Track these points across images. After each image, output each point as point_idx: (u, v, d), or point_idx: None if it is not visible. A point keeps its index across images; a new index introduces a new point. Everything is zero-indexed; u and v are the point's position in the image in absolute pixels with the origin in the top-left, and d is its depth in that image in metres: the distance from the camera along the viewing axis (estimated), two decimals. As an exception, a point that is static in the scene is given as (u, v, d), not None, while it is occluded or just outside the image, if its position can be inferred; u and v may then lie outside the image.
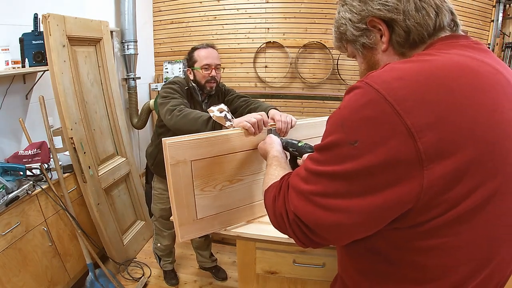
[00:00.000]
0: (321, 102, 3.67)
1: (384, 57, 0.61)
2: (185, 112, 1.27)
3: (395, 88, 0.45)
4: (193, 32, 3.62)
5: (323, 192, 0.51)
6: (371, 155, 0.45)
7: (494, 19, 3.58)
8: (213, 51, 1.53)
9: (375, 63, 0.63)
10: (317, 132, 1.24)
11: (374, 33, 0.60)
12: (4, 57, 1.69)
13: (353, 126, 0.47)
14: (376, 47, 0.61)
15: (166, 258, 2.09)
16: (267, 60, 3.62)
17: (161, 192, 1.84)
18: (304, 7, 3.45)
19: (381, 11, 0.57)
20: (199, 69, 1.50)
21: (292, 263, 1.17)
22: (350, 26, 0.62)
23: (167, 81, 1.56)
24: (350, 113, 0.49)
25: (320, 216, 0.51)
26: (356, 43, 0.64)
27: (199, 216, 1.04)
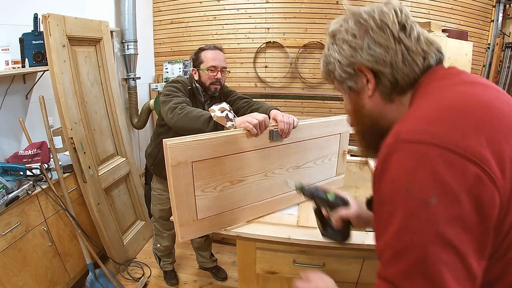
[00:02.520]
0: (321, 102, 3.67)
1: (370, 102, 0.62)
2: (186, 111, 1.24)
3: (435, 131, 0.45)
4: (193, 32, 3.62)
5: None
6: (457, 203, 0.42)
7: (494, 19, 3.58)
8: (220, 54, 1.52)
9: (361, 107, 0.64)
10: (319, 133, 1.24)
11: (361, 78, 0.61)
12: (4, 57, 1.69)
13: (420, 187, 0.44)
14: (362, 91, 0.62)
15: (166, 258, 2.09)
16: (267, 60, 3.62)
17: (160, 192, 1.82)
18: (304, 7, 3.45)
19: (369, 62, 0.58)
20: (205, 70, 1.48)
21: (292, 263, 1.17)
22: (338, 67, 0.63)
23: (170, 80, 1.54)
24: (408, 179, 0.45)
25: None
26: (343, 84, 0.64)
27: (200, 217, 1.04)
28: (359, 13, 0.60)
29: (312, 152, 1.26)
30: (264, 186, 1.16)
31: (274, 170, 1.16)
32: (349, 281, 1.18)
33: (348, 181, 1.51)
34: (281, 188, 1.23)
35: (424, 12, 3.52)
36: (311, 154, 1.26)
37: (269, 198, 1.20)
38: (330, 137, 1.29)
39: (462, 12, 3.54)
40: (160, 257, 2.09)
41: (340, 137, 1.33)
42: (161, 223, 1.91)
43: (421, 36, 0.59)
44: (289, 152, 1.18)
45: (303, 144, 1.21)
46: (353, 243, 1.07)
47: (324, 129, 1.26)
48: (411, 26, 0.58)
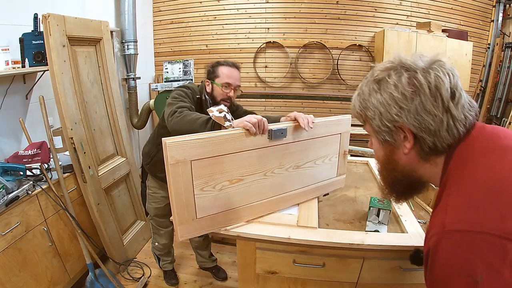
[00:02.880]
0: (321, 102, 3.67)
1: (404, 158, 0.63)
2: (184, 114, 1.25)
3: (475, 220, 0.50)
4: (193, 32, 3.63)
5: None
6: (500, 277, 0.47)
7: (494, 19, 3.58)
8: (236, 72, 1.52)
9: (394, 160, 0.64)
10: (319, 133, 1.24)
11: (399, 134, 0.61)
12: (4, 57, 1.69)
13: (469, 269, 0.49)
14: (398, 146, 0.62)
15: (165, 257, 2.09)
16: (267, 60, 3.62)
17: (154, 191, 1.82)
18: (304, 7, 3.45)
19: (414, 126, 0.58)
20: (219, 85, 1.48)
21: (292, 263, 1.17)
22: (378, 119, 0.62)
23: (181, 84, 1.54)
24: (459, 263, 0.50)
25: None
26: (379, 134, 0.64)
27: (199, 216, 1.04)
28: (414, 71, 0.59)
29: (312, 152, 1.26)
30: (263, 185, 1.16)
31: (273, 170, 1.16)
32: (349, 281, 1.18)
33: (348, 181, 1.50)
34: (281, 188, 1.22)
35: (424, 12, 3.52)
36: (311, 154, 1.26)
37: (269, 197, 1.20)
38: (330, 137, 1.29)
39: (462, 12, 3.54)
40: (159, 256, 2.08)
41: (340, 137, 1.33)
42: (157, 220, 1.92)
43: (466, 102, 0.59)
44: (289, 152, 1.18)
45: (303, 144, 1.21)
46: (353, 243, 1.07)
47: (324, 129, 1.25)
48: (460, 92, 0.58)
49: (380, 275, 1.16)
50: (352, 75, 3.66)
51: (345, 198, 1.41)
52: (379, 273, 1.16)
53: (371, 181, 1.60)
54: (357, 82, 3.65)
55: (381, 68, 0.63)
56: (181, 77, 3.09)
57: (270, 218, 1.21)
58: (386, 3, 3.45)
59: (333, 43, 3.52)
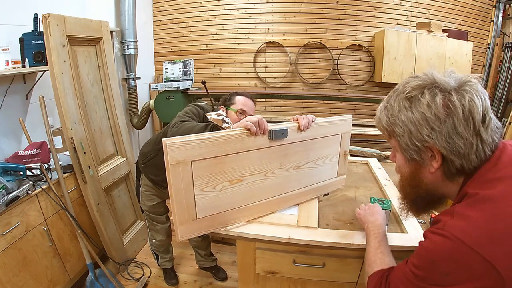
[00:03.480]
0: (321, 102, 3.67)
1: (430, 176, 0.63)
2: (182, 124, 1.30)
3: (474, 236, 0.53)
4: (193, 32, 3.63)
5: None
6: (460, 285, 0.54)
7: (494, 19, 3.58)
8: (252, 103, 1.59)
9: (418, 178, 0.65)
10: (319, 133, 1.24)
11: (427, 153, 0.61)
12: (4, 57, 1.69)
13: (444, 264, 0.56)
14: (424, 165, 0.63)
15: (163, 255, 2.08)
16: (267, 60, 3.62)
17: (147, 189, 1.84)
18: (304, 7, 3.46)
19: (444, 148, 0.59)
20: (234, 111, 1.52)
21: (292, 263, 1.17)
22: (407, 137, 0.62)
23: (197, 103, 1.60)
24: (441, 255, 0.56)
25: None
26: (406, 152, 0.64)
27: (199, 216, 1.04)
28: (448, 93, 0.59)
29: (313, 152, 1.26)
30: (264, 186, 1.16)
31: (274, 170, 1.16)
32: (349, 281, 1.18)
33: (348, 181, 1.50)
34: (281, 188, 1.22)
35: (424, 12, 3.52)
36: (311, 154, 1.26)
37: (269, 198, 1.20)
38: (331, 137, 1.29)
39: (462, 12, 3.54)
40: (158, 253, 2.08)
41: (341, 137, 1.33)
42: (151, 216, 1.93)
43: (494, 125, 0.60)
44: (290, 152, 1.18)
45: (304, 144, 1.21)
46: (353, 243, 1.07)
47: (325, 129, 1.25)
48: (490, 116, 0.59)
49: (380, 275, 1.16)
50: (352, 75, 3.66)
51: (345, 198, 1.41)
52: (379, 273, 1.16)
53: (371, 181, 1.60)
54: (357, 82, 3.66)
55: (413, 85, 0.62)
56: (181, 77, 3.09)
57: (270, 218, 1.21)
58: (386, 3, 3.45)
59: (333, 43, 3.52)
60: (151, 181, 1.79)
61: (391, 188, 1.45)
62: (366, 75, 3.64)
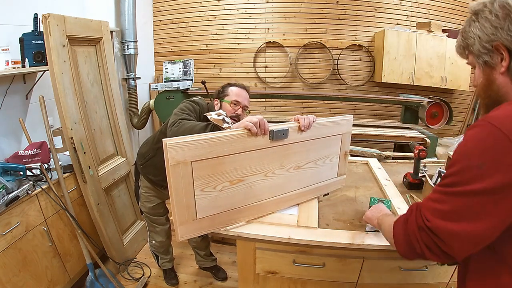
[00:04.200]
0: (321, 102, 3.67)
1: (500, 78, 0.70)
2: (182, 123, 1.28)
3: (508, 124, 0.59)
4: (193, 32, 3.63)
5: (454, 208, 0.64)
6: (498, 174, 0.58)
7: (494, 19, 3.57)
8: (245, 93, 1.56)
9: (492, 81, 0.71)
10: (320, 133, 1.24)
11: (496, 55, 0.69)
12: (4, 57, 1.69)
13: (479, 153, 0.61)
14: (495, 67, 0.70)
15: (163, 256, 2.08)
16: (267, 60, 3.62)
17: (146, 191, 1.83)
18: (304, 7, 3.46)
19: (508, 41, 0.66)
20: (228, 102, 1.51)
21: (292, 263, 1.17)
22: (477, 43, 0.71)
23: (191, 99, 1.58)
24: (476, 144, 0.62)
25: (452, 228, 0.63)
26: (479, 58, 0.72)
27: (199, 216, 1.04)
28: None
29: (313, 153, 1.26)
30: (264, 186, 1.16)
31: (274, 170, 1.16)
32: (349, 281, 1.18)
33: (348, 181, 1.51)
34: (281, 188, 1.23)
35: (424, 12, 3.52)
36: (312, 155, 1.26)
37: (269, 198, 1.20)
38: (331, 137, 1.29)
39: (462, 12, 3.54)
40: (158, 254, 2.07)
41: (341, 138, 1.33)
42: (151, 218, 1.92)
43: None
44: (290, 153, 1.18)
45: (304, 145, 1.21)
46: (353, 243, 1.07)
47: (326, 130, 1.25)
48: None
49: (380, 275, 1.16)
50: (352, 75, 3.66)
51: (345, 198, 1.41)
52: (379, 273, 1.16)
53: (371, 181, 1.60)
54: (357, 82, 3.66)
55: (477, 3, 0.72)
56: (181, 77, 3.09)
57: (270, 218, 1.21)
58: (386, 3, 3.45)
59: (333, 43, 3.52)
60: (150, 181, 1.79)
61: (391, 188, 1.45)
62: (366, 75, 3.64)
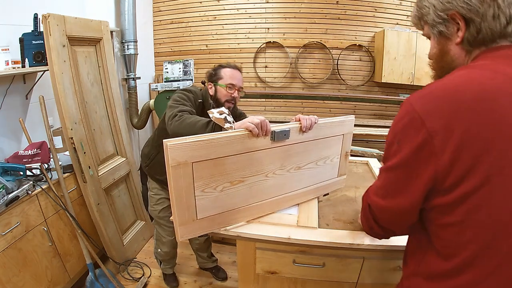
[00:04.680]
0: (321, 102, 3.67)
1: (454, 49, 0.69)
2: (184, 117, 1.25)
3: (423, 103, 0.62)
4: (193, 32, 3.62)
5: (383, 184, 0.71)
6: (406, 148, 0.63)
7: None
8: (239, 74, 1.54)
9: (446, 52, 0.70)
10: (321, 134, 1.24)
11: (452, 25, 0.67)
12: (4, 57, 1.69)
13: (398, 131, 0.65)
14: (451, 38, 0.69)
15: (167, 264, 2.07)
16: (267, 60, 3.62)
17: (156, 192, 1.79)
18: (304, 7, 3.45)
19: (464, 9, 0.64)
20: (223, 86, 1.48)
21: (292, 263, 1.17)
22: (432, 12, 0.69)
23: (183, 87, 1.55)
24: (396, 122, 0.66)
25: (380, 203, 0.71)
26: (434, 28, 0.70)
27: (199, 217, 1.04)
28: None
29: (314, 153, 1.26)
30: (264, 186, 1.16)
31: (275, 171, 1.16)
32: (349, 281, 1.18)
33: (348, 181, 1.51)
34: (282, 189, 1.23)
35: (424, 12, 3.51)
36: (313, 155, 1.26)
37: (269, 198, 1.20)
38: (332, 138, 1.29)
39: (462, 12, 3.53)
40: (161, 261, 2.07)
41: (343, 138, 1.33)
42: (162, 226, 1.87)
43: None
44: (291, 153, 1.18)
45: (305, 145, 1.21)
46: (353, 243, 1.07)
47: (327, 130, 1.25)
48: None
49: (380, 275, 1.16)
50: (352, 75, 3.66)
51: (345, 198, 1.41)
52: (379, 273, 1.16)
53: (371, 181, 1.60)
54: (357, 82, 3.66)
55: None
56: (181, 77, 3.09)
57: (270, 218, 1.21)
58: (386, 3, 3.45)
59: (333, 43, 3.52)
60: (159, 182, 1.76)
61: (391, 188, 1.45)
62: (366, 75, 3.64)
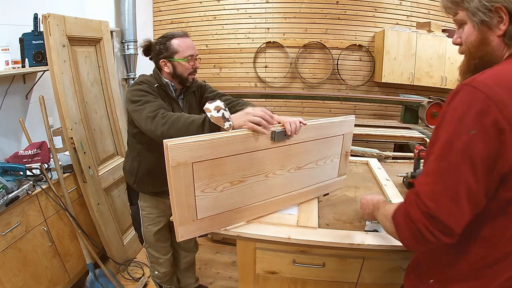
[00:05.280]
0: (321, 102, 3.67)
1: (496, 40, 0.68)
2: (172, 119, 1.12)
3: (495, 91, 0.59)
4: (193, 32, 3.62)
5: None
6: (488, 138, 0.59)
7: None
8: (190, 40, 1.40)
9: (488, 42, 0.69)
10: (322, 134, 1.23)
11: (495, 17, 0.66)
12: (4, 57, 1.69)
13: (470, 119, 0.60)
14: (492, 28, 0.67)
15: (167, 284, 1.82)
16: (267, 60, 3.62)
17: (150, 211, 1.56)
18: (304, 7, 3.45)
19: (511, 5, 0.64)
20: (183, 60, 1.34)
21: (292, 263, 1.17)
22: (477, 0, 0.67)
23: (132, 83, 1.36)
24: (466, 109, 0.61)
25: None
26: (475, 16, 0.68)
27: (199, 217, 1.04)
28: None
29: (314, 153, 1.26)
30: (264, 187, 1.16)
31: (275, 171, 1.16)
32: (349, 281, 1.18)
33: (348, 181, 1.51)
34: (282, 189, 1.23)
35: (424, 12, 3.52)
36: (313, 155, 1.26)
37: (269, 198, 1.20)
38: (333, 138, 1.28)
39: (462, 12, 3.53)
40: (161, 284, 1.80)
41: (343, 138, 1.33)
42: (156, 247, 1.65)
43: None
44: (291, 153, 1.18)
45: (305, 145, 1.20)
46: (353, 243, 1.07)
47: (327, 130, 1.25)
48: None
49: (380, 275, 1.16)
50: (352, 75, 3.66)
51: (345, 198, 1.41)
52: (379, 273, 1.16)
53: (371, 181, 1.60)
54: (357, 82, 3.66)
55: None
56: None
57: (270, 218, 1.21)
58: (386, 3, 3.45)
59: (333, 43, 3.52)
60: (154, 194, 1.53)
61: (391, 188, 1.45)
62: (366, 75, 3.64)
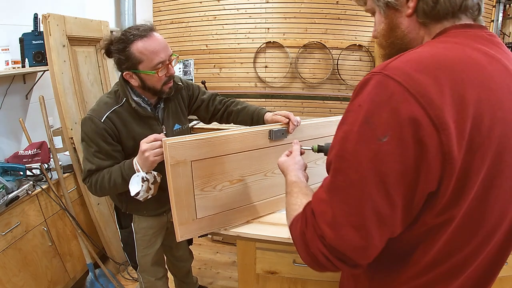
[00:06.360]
0: (321, 102, 3.67)
1: (406, 22, 0.60)
2: (98, 185, 1.09)
3: (416, 81, 0.46)
4: (193, 32, 3.63)
5: None
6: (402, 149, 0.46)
7: (494, 19, 3.57)
8: (160, 39, 1.07)
9: (396, 25, 0.61)
10: (320, 133, 1.24)
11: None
12: (4, 57, 1.69)
13: (380, 120, 0.47)
14: (400, 9, 0.59)
15: None
16: (267, 60, 3.62)
17: (145, 232, 1.36)
18: (304, 7, 3.45)
19: None
20: (152, 72, 1.05)
21: (292, 263, 1.17)
22: None
23: (87, 115, 1.13)
24: (375, 107, 0.48)
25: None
26: (379, 0, 0.61)
27: (199, 216, 1.04)
28: None
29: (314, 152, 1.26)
30: (264, 186, 1.16)
31: (273, 170, 1.16)
32: (349, 281, 1.18)
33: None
34: (281, 188, 1.22)
35: (424, 12, 3.51)
36: (312, 155, 1.26)
37: (269, 198, 1.20)
38: (331, 137, 1.29)
39: (462, 12, 3.53)
40: None
41: (341, 137, 1.33)
42: (153, 272, 1.47)
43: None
44: (289, 152, 1.18)
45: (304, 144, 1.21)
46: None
47: (325, 129, 1.25)
48: None
49: (380, 275, 1.16)
50: (352, 75, 3.66)
51: (345, 198, 1.41)
52: (379, 273, 1.16)
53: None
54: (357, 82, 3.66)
55: None
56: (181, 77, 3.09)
57: (270, 218, 1.21)
58: (386, 3, 3.44)
59: (333, 43, 3.52)
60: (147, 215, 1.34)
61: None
62: (366, 75, 3.64)
